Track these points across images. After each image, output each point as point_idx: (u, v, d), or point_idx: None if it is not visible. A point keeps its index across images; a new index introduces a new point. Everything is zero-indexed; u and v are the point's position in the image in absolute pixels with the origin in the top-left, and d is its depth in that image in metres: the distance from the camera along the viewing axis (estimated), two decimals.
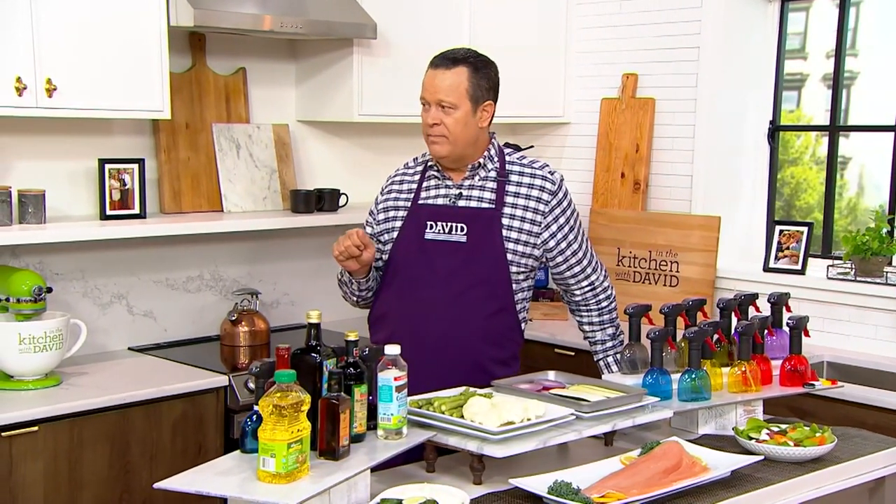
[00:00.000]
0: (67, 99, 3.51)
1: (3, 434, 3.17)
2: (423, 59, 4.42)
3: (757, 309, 3.26)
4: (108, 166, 3.83)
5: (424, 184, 3.19)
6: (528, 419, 2.54)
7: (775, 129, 4.77)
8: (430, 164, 3.19)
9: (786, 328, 3.16)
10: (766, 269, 4.48)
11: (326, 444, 2.29)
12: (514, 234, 3.09)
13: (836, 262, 4.35)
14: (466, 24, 4.64)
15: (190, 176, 4.13)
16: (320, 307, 4.53)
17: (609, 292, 3.34)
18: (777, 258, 4.48)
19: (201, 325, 4.26)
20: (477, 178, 3.13)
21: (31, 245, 3.74)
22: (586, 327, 3.36)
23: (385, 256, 3.20)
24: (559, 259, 3.18)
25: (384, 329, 3.16)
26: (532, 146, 5.19)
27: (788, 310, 3.26)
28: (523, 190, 3.12)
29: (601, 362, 3.34)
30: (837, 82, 4.56)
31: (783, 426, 2.86)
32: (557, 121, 5.11)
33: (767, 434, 2.78)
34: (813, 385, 3.08)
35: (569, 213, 3.19)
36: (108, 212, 3.83)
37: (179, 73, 4.12)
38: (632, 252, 4.77)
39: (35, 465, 3.25)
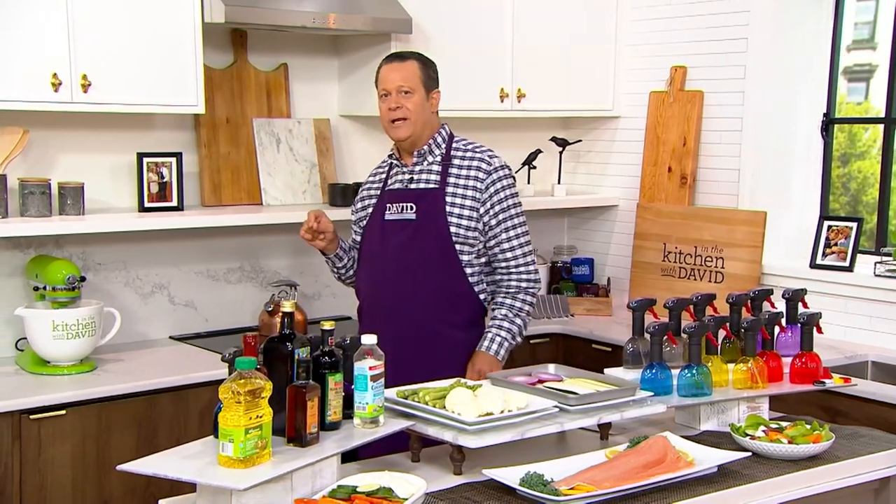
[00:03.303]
0: (102, 94, 3.64)
1: (31, 417, 3.30)
2: (463, 52, 4.51)
3: (772, 305, 3.19)
4: (146, 160, 3.95)
5: (391, 171, 3.52)
6: (509, 410, 2.55)
7: (829, 122, 4.64)
8: (392, 155, 3.53)
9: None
10: (813, 265, 4.37)
11: (294, 431, 2.33)
12: (456, 210, 3.36)
13: (886, 258, 4.22)
14: (509, 20, 4.64)
15: (230, 170, 4.23)
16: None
17: (527, 288, 3.43)
18: (825, 254, 4.37)
19: (241, 316, 4.35)
20: (425, 162, 3.44)
21: (73, 235, 3.89)
22: (493, 305, 3.46)
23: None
24: (490, 234, 3.39)
25: (359, 302, 3.55)
26: (580, 140, 5.17)
27: (805, 306, 3.18)
28: (464, 171, 3.40)
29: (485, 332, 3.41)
30: (894, 72, 4.42)
31: (783, 423, 2.80)
32: (607, 114, 5.06)
33: (763, 431, 2.73)
34: (823, 383, 3.01)
35: (503, 195, 3.40)
36: (147, 204, 3.95)
37: (221, 69, 4.23)
38: (678, 247, 4.71)
39: (63, 448, 3.38)
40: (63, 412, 3.37)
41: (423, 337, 3.32)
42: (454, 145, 3.45)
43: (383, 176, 3.53)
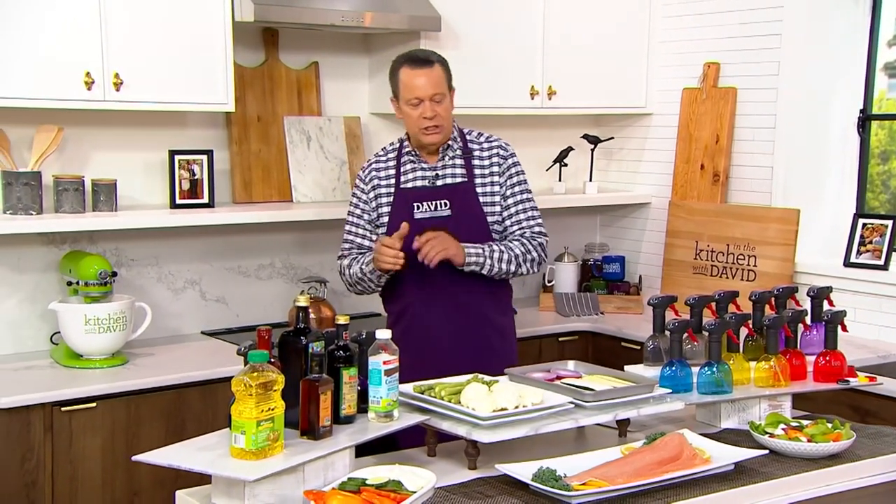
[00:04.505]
0: (134, 92, 3.69)
1: (63, 409, 3.37)
2: (492, 50, 4.52)
3: (797, 303, 3.16)
4: (177, 157, 4.00)
5: (402, 168, 3.52)
6: (524, 406, 2.55)
7: (866, 119, 4.59)
8: (405, 150, 3.54)
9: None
10: (847, 263, 4.32)
11: (308, 424, 2.36)
12: (488, 199, 3.49)
13: None
14: (540, 17, 4.64)
15: (261, 167, 4.27)
16: None
17: (524, 243, 3.47)
18: (859, 252, 4.32)
19: (272, 312, 4.39)
20: (447, 158, 3.51)
21: (106, 231, 3.95)
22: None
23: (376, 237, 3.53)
24: (506, 214, 3.50)
25: (399, 303, 3.53)
26: (612, 137, 5.15)
27: (831, 304, 3.15)
28: (486, 162, 3.51)
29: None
30: None
31: (804, 422, 2.77)
32: (639, 112, 5.04)
33: (783, 429, 2.70)
34: (848, 381, 2.98)
35: (517, 179, 3.53)
36: (178, 201, 4.00)
37: (252, 68, 4.27)
38: (709, 245, 4.67)
39: (94, 440, 3.43)
40: (94, 405, 3.42)
41: (476, 324, 3.45)
42: (468, 138, 3.54)
43: (391, 172, 3.53)
